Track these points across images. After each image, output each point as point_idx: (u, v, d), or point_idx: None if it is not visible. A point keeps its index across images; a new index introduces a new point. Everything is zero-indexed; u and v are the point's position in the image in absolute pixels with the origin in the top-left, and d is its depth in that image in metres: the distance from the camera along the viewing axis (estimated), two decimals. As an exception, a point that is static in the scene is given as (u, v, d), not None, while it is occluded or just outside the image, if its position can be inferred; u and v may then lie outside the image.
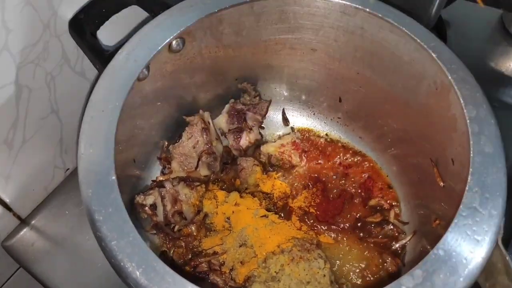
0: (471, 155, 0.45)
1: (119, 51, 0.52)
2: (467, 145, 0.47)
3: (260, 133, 0.74)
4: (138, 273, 0.40)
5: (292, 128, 0.76)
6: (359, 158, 0.71)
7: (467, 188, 0.43)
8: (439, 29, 0.89)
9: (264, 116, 0.73)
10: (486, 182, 0.44)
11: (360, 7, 0.55)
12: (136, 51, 0.52)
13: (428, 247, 0.56)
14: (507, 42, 0.90)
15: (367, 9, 0.55)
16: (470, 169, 0.44)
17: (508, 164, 0.74)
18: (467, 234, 0.42)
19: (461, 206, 0.43)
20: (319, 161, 0.71)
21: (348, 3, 0.56)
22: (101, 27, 0.61)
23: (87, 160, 0.45)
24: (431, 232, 0.57)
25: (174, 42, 0.56)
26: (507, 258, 0.42)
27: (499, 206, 0.43)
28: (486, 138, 0.46)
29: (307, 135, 0.75)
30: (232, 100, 0.72)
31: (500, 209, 0.43)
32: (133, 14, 0.64)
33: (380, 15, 0.54)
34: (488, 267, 0.43)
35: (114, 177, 0.44)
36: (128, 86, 0.49)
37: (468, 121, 0.47)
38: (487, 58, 0.89)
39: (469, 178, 0.44)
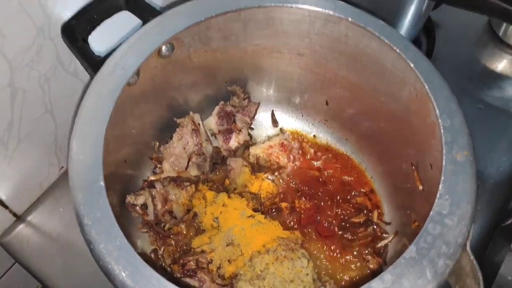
0: (444, 163, 0.47)
1: (109, 59, 0.54)
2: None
3: (249, 134, 0.75)
4: (124, 275, 0.42)
5: (281, 130, 0.77)
6: (344, 160, 0.73)
7: (438, 195, 0.45)
8: (428, 30, 0.90)
9: (253, 118, 0.75)
10: (457, 190, 0.46)
11: (343, 16, 0.57)
12: (124, 59, 0.53)
13: (408, 246, 0.58)
14: (494, 44, 0.91)
15: (350, 19, 0.56)
16: (442, 177, 0.46)
17: (493, 168, 0.77)
18: (436, 240, 0.44)
19: (431, 213, 0.45)
20: (305, 162, 0.73)
21: (331, 12, 0.57)
22: (95, 32, 0.62)
23: (77, 166, 0.47)
24: (411, 233, 0.59)
25: (163, 48, 0.58)
26: (474, 262, 0.44)
27: (468, 213, 0.45)
28: (459, 148, 0.48)
29: (295, 136, 0.76)
30: (222, 102, 0.73)
31: (469, 216, 0.45)
32: (126, 19, 0.65)
33: (362, 24, 0.56)
34: (458, 271, 0.46)
35: (102, 183, 0.46)
36: (117, 94, 0.51)
37: (442, 130, 0.49)
38: (475, 60, 0.90)
39: (440, 186, 0.46)
